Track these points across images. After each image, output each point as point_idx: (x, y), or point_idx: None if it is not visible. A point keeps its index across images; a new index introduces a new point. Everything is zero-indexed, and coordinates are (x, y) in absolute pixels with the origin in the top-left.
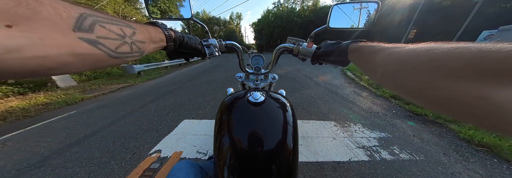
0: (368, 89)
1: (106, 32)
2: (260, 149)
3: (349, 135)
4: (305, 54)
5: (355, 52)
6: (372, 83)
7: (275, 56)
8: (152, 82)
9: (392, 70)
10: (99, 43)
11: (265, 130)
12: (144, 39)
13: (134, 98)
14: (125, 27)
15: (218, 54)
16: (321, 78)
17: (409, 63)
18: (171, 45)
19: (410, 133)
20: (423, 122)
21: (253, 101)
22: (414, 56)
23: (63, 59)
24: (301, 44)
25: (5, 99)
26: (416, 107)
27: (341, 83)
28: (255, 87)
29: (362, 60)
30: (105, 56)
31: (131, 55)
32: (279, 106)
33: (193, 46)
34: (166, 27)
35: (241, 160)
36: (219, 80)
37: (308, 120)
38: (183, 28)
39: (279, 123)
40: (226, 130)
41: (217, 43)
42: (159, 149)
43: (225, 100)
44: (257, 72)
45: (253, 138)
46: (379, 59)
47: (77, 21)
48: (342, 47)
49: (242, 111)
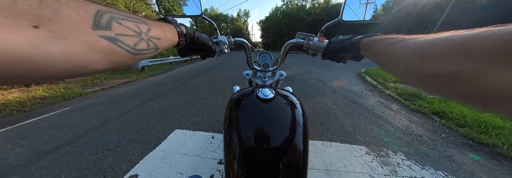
0: (398, 100)
1: (123, 29)
2: (270, 147)
3: (392, 171)
4: (316, 50)
5: (369, 46)
6: (402, 93)
7: (283, 52)
8: (154, 79)
9: (415, 60)
10: (118, 40)
11: (275, 127)
12: (159, 36)
13: (132, 95)
14: (141, 23)
15: (227, 51)
16: (336, 83)
17: (434, 51)
18: (182, 41)
19: (481, 174)
20: (493, 155)
21: (263, 97)
22: (435, 44)
23: (90, 58)
24: (311, 39)
25: (8, 91)
26: (474, 131)
27: (361, 91)
28: (262, 84)
29: (377, 54)
30: (125, 54)
31: (148, 52)
32: (289, 103)
33: (204, 42)
34: (177, 22)
35: (251, 158)
36: (222, 80)
37: (330, 142)
38: (191, 25)
39: (289, 120)
40: (236, 127)
41: (227, 40)
42: (135, 173)
43: (233, 97)
44: (265, 69)
45: (263, 135)
46: (396, 50)
47: (95, 19)
48: (354, 42)
49: (251, 107)
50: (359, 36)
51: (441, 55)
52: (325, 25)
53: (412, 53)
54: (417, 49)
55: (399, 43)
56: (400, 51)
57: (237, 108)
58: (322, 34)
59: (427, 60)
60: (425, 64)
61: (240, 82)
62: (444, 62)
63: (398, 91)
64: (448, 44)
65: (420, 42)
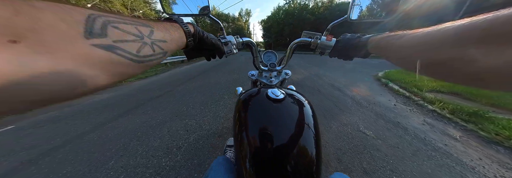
0: (454, 120)
1: (121, 34)
2: (285, 147)
3: None
4: (324, 48)
5: (378, 43)
6: (456, 110)
7: (290, 51)
8: (140, 83)
9: (413, 50)
10: (117, 48)
11: (288, 127)
12: (164, 38)
13: (103, 107)
14: (141, 26)
15: (236, 52)
16: (357, 92)
17: (433, 41)
18: (191, 42)
19: None
20: None
21: (274, 97)
22: (434, 34)
23: (86, 73)
24: (319, 38)
25: None
26: None
27: (393, 104)
28: (269, 84)
29: (385, 50)
30: (128, 63)
31: (154, 57)
32: (298, 102)
33: (213, 42)
34: (183, 22)
35: (266, 158)
36: (217, 85)
37: None
38: None
39: (301, 120)
40: (248, 128)
41: (235, 40)
42: None
43: (241, 98)
44: (272, 69)
45: (277, 135)
46: (400, 43)
47: (86, 25)
48: (363, 40)
49: (263, 108)
50: (368, 35)
51: (439, 44)
52: (331, 24)
53: (413, 45)
54: (419, 41)
55: (403, 37)
56: (403, 45)
57: (248, 109)
58: (328, 33)
59: (428, 50)
60: (427, 54)
61: (240, 85)
62: (441, 50)
63: (448, 107)
64: (444, 34)
65: (421, 34)
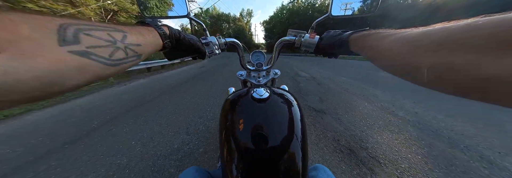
0: None
1: (93, 40)
2: (267, 146)
3: None
4: (308, 46)
5: (358, 41)
6: None
7: (276, 50)
8: (103, 94)
9: (407, 53)
10: (90, 53)
11: (272, 126)
12: (138, 42)
13: (27, 134)
14: (113, 31)
15: (218, 53)
16: None
17: (426, 43)
18: (167, 43)
19: None
20: None
21: (258, 97)
22: (426, 36)
23: (62, 76)
24: (303, 36)
25: None
26: None
27: None
28: (257, 84)
29: (368, 49)
30: (101, 66)
31: (128, 60)
32: (285, 101)
33: (192, 43)
34: (157, 24)
35: (249, 159)
36: (203, 97)
37: None
38: (184, 27)
39: (286, 119)
40: (231, 128)
41: (217, 40)
42: None
43: (228, 98)
44: (259, 69)
45: (259, 135)
46: (387, 44)
47: (59, 34)
48: (344, 38)
49: (247, 108)
50: (348, 32)
51: (433, 47)
52: (315, 21)
53: (403, 47)
54: (408, 42)
55: (389, 37)
56: (391, 45)
57: (232, 110)
58: (313, 31)
59: (419, 53)
60: (417, 57)
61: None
62: (436, 53)
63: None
64: (438, 36)
65: (411, 35)
